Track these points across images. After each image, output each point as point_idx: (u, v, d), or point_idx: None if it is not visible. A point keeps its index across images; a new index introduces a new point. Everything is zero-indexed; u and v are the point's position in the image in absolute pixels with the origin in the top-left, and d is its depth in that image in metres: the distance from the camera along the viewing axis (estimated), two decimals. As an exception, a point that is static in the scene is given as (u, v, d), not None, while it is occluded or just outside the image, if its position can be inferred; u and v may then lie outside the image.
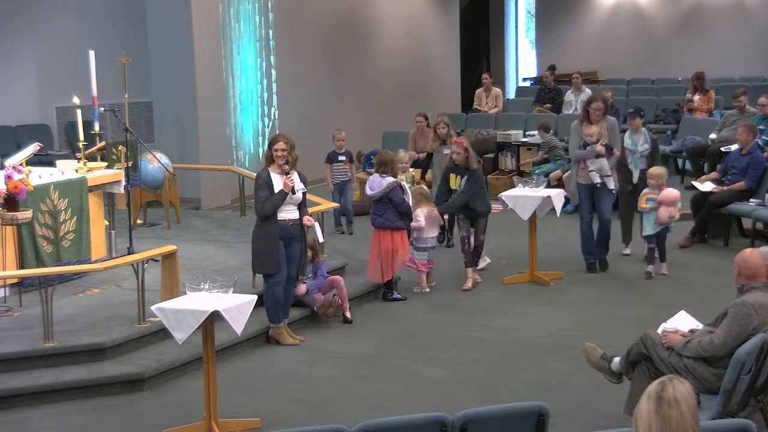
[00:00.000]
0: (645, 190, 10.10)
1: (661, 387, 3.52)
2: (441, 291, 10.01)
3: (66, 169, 9.59)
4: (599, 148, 9.98)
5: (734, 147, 11.96)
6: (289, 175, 7.94)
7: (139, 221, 11.72)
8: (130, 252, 9.51)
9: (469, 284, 9.96)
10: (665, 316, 7.69)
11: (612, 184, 10.18)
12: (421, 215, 9.88)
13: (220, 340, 7.46)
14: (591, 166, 10.14)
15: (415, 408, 6.57)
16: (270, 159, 8.03)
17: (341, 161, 12.69)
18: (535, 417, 4.59)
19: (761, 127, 12.82)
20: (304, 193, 8.14)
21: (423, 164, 12.29)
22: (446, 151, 10.92)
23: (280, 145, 7.99)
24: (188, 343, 6.68)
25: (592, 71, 22.94)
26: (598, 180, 10.10)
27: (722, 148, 12.29)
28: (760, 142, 11.94)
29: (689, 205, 11.85)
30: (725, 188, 11.39)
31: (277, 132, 15.09)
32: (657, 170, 10.14)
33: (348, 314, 8.99)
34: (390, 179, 9.59)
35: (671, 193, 9.96)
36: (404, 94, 18.98)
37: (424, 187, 10.82)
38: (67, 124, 15.19)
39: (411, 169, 11.76)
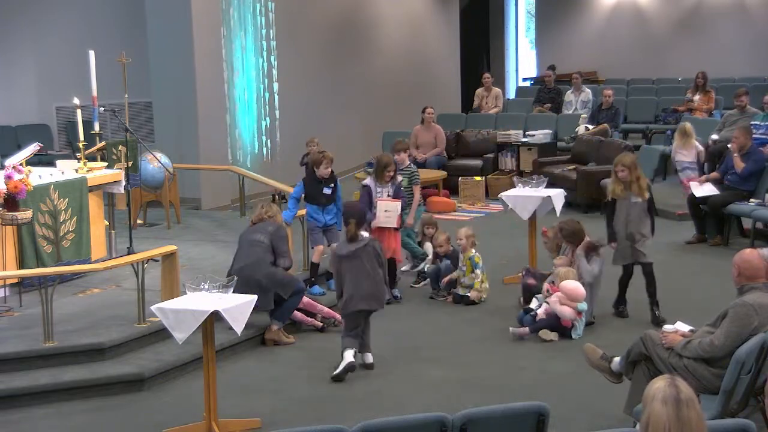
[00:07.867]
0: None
1: (675, 390, 3.51)
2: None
3: (66, 169, 9.59)
4: None
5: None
6: None
7: (139, 221, 11.72)
8: (130, 252, 9.51)
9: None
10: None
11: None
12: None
13: (220, 340, 7.46)
14: None
15: (415, 408, 6.57)
16: None
17: None
18: (535, 417, 4.59)
19: (766, 123, 12.81)
20: None
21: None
22: None
23: None
24: (188, 343, 6.67)
25: (592, 71, 22.93)
26: None
27: (729, 146, 12.12)
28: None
29: (687, 206, 11.88)
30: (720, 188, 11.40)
31: (277, 132, 15.19)
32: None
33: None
34: None
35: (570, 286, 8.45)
36: (404, 94, 18.98)
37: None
38: (67, 124, 15.19)
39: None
